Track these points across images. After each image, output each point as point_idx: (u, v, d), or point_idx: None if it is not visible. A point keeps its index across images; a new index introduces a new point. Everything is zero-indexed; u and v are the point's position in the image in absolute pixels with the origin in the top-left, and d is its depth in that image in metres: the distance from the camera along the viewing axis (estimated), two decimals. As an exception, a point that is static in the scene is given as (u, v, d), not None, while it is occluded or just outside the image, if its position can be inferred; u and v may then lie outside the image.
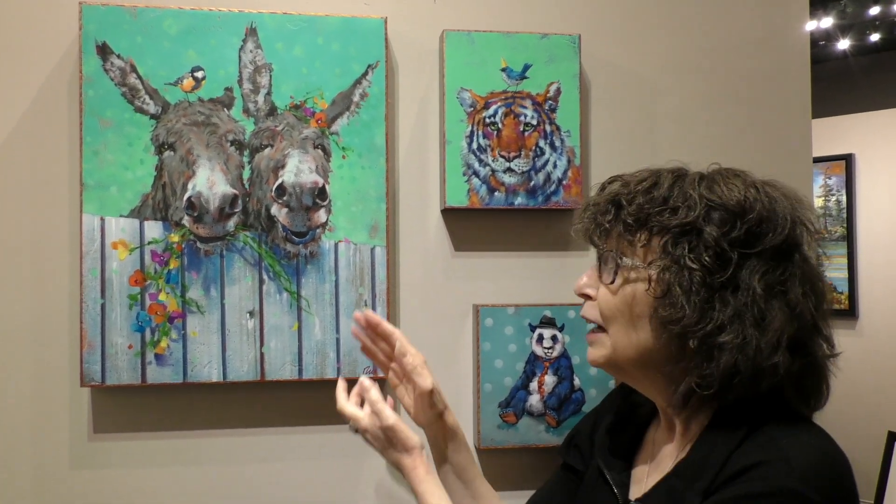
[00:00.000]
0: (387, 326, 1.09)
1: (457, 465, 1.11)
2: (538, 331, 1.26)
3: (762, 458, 0.77)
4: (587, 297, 0.94)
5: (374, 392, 1.01)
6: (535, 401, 1.26)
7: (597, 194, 0.94)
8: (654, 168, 0.92)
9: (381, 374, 1.22)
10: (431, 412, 1.08)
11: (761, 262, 0.83)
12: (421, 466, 0.97)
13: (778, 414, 0.83)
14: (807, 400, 0.86)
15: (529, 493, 1.22)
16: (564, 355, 1.27)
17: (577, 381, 1.27)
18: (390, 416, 0.98)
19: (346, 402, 1.04)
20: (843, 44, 4.13)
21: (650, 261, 0.86)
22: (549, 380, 1.26)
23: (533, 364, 1.26)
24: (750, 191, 0.85)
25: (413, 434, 0.99)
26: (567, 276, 1.32)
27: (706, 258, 0.82)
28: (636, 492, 0.93)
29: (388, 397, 1.05)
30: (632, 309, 0.87)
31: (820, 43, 4.14)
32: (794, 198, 0.88)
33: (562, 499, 1.08)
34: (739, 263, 0.82)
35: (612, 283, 0.89)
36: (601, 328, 0.92)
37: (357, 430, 1.03)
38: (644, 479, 0.94)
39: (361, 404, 1.03)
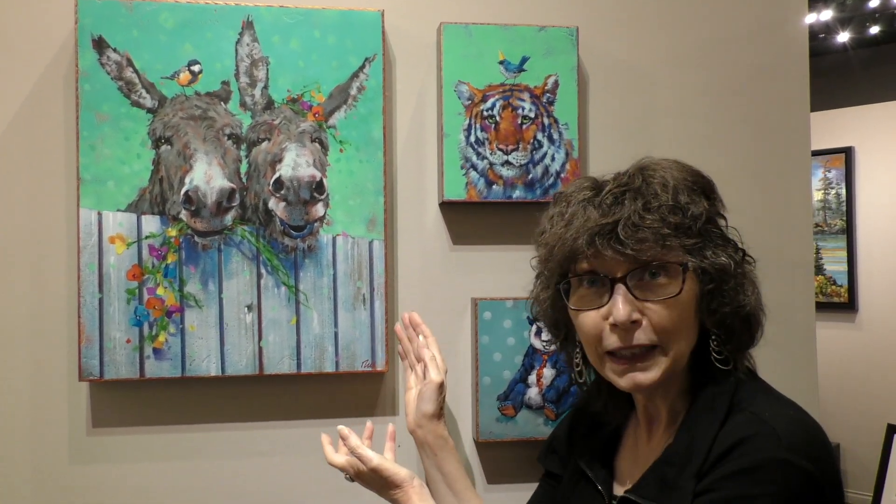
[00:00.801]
0: (426, 328, 1.20)
1: (447, 475, 1.13)
2: (536, 324, 1.26)
3: (749, 433, 0.79)
4: (634, 323, 0.85)
5: (353, 439, 1.03)
6: (533, 394, 1.26)
7: (584, 216, 0.86)
8: (613, 175, 0.91)
9: (378, 368, 1.22)
10: (429, 409, 1.12)
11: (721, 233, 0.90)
12: (414, 496, 1.00)
13: (751, 389, 0.87)
14: (741, 342, 0.90)
15: (527, 486, 1.22)
16: (563, 348, 1.27)
17: (575, 375, 1.27)
18: (373, 458, 1.01)
19: (334, 455, 1.08)
20: (843, 36, 4.13)
21: (700, 257, 0.85)
22: (548, 373, 1.26)
23: (531, 357, 1.26)
24: (691, 167, 0.90)
25: (399, 469, 1.02)
26: (565, 270, 1.32)
27: (719, 233, 0.88)
28: (619, 487, 0.93)
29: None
30: (689, 313, 0.86)
31: (820, 36, 4.13)
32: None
33: None
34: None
35: (680, 292, 0.84)
36: (651, 349, 0.86)
37: (352, 478, 1.07)
38: (627, 475, 0.94)
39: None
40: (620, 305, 0.84)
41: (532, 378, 1.26)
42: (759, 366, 0.95)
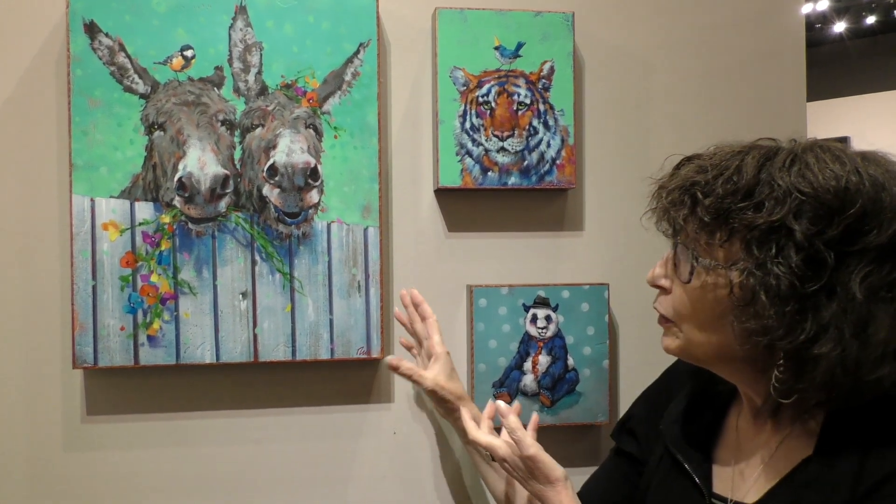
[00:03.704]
0: (427, 307, 1.17)
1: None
2: (532, 311, 1.26)
3: None
4: (661, 288, 0.86)
5: (512, 419, 0.92)
6: (529, 381, 1.26)
7: (669, 177, 0.83)
8: (734, 146, 0.81)
9: (374, 355, 1.22)
10: (450, 400, 1.12)
11: (863, 261, 0.71)
12: (566, 499, 0.90)
13: None
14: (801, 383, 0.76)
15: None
16: (558, 335, 1.26)
17: (570, 361, 1.27)
18: (531, 445, 0.90)
19: (478, 431, 0.99)
20: (839, 27, 4.13)
21: (732, 262, 0.76)
22: (543, 360, 1.26)
23: (527, 344, 1.26)
24: (851, 178, 0.72)
25: (556, 464, 0.92)
26: (561, 256, 1.32)
27: (797, 262, 0.71)
28: (722, 486, 0.86)
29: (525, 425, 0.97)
30: (711, 311, 0.79)
31: (816, 26, 4.13)
32: None
33: (619, 487, 1.03)
34: (836, 265, 0.71)
35: (689, 282, 0.80)
36: (672, 320, 0.85)
37: (493, 458, 0.97)
38: (731, 471, 0.87)
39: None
40: (656, 267, 0.86)
41: (527, 365, 1.26)
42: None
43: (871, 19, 4.10)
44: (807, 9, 3.78)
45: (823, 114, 3.85)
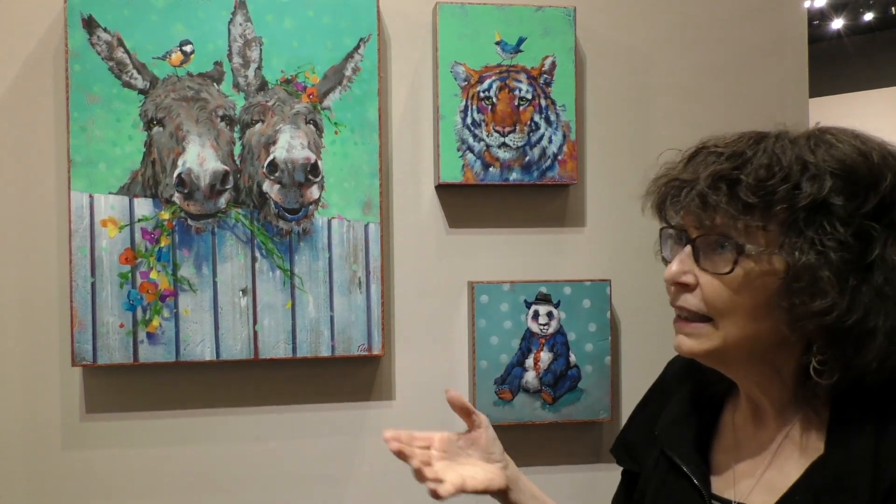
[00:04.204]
0: (419, 434, 0.98)
1: (526, 490, 1.01)
2: (534, 307, 1.26)
3: None
4: (683, 286, 0.82)
5: None
6: (530, 377, 1.25)
7: (683, 167, 0.82)
8: (746, 133, 0.81)
9: (375, 352, 1.21)
10: (499, 465, 0.99)
11: (892, 233, 0.74)
12: None
13: None
14: (844, 358, 0.76)
15: (525, 470, 1.22)
16: (560, 332, 1.26)
17: (572, 358, 1.26)
18: None
19: None
20: (837, 23, 4.12)
21: (779, 245, 0.75)
22: (545, 356, 1.26)
23: (528, 341, 1.25)
24: (873, 154, 0.76)
25: None
26: (562, 252, 1.32)
27: (846, 237, 0.73)
28: (722, 486, 0.85)
29: None
30: (756, 299, 0.77)
31: (814, 23, 4.12)
32: None
33: None
34: (876, 237, 0.74)
35: (730, 272, 0.77)
36: (704, 318, 0.81)
37: None
38: (731, 471, 0.86)
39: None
40: (674, 264, 0.82)
41: (529, 361, 1.25)
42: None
43: (868, 16, 4.10)
44: (805, 5, 3.78)
45: (821, 110, 3.86)
